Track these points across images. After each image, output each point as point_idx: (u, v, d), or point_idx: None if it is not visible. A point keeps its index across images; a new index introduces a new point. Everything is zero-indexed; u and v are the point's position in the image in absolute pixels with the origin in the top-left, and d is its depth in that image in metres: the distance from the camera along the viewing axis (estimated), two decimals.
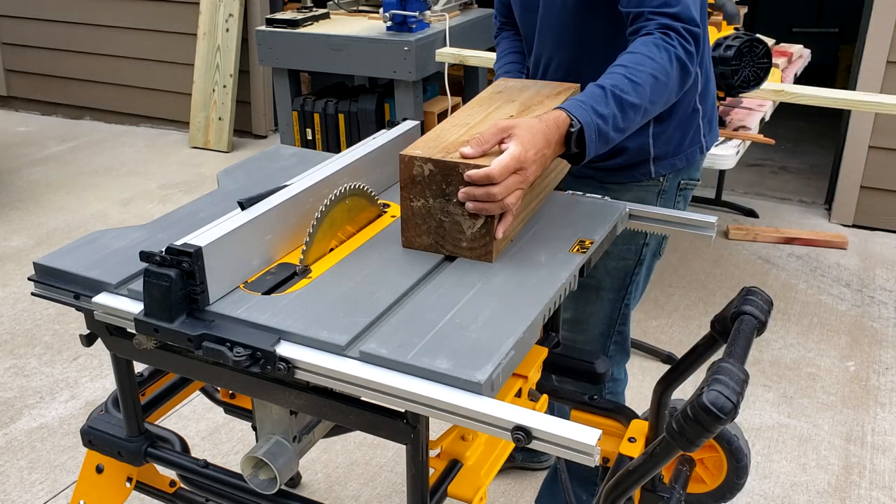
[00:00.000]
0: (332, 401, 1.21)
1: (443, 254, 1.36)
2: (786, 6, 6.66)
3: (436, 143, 1.36)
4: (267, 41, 3.77)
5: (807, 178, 4.73)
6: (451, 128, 1.44)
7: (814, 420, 2.64)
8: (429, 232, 1.36)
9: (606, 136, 1.37)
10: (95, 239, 1.42)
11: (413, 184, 1.33)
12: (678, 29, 1.43)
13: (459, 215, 1.32)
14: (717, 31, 2.61)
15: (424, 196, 1.33)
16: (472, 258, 1.35)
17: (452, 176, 1.29)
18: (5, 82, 5.83)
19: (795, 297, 3.38)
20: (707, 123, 1.73)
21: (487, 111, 1.53)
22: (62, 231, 3.96)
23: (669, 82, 1.43)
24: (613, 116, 1.36)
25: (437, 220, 1.34)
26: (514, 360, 1.14)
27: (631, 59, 1.41)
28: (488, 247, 1.33)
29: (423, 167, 1.31)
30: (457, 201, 1.31)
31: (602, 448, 1.58)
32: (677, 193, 1.76)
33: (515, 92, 1.63)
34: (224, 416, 2.50)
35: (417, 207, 1.34)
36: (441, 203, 1.32)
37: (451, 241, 1.35)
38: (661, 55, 1.41)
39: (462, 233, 1.33)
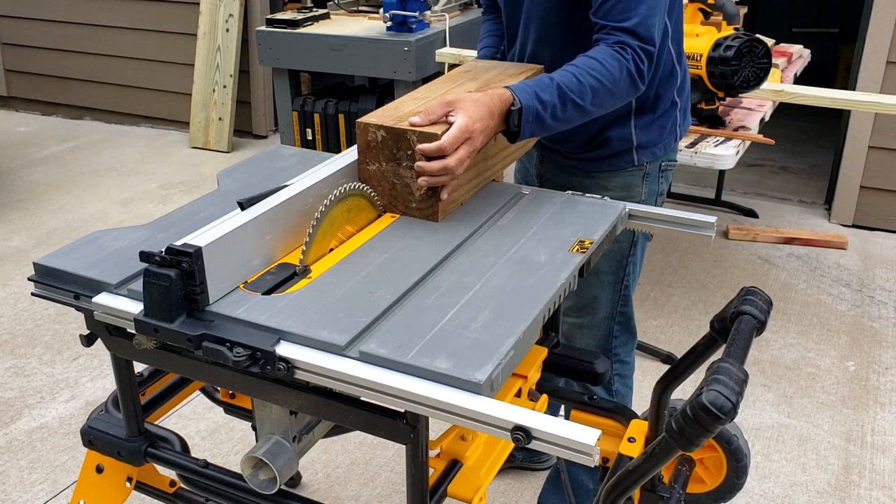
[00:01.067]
0: (331, 401, 1.22)
1: (396, 214, 1.49)
2: (786, 6, 6.66)
3: (392, 112, 1.49)
4: (267, 41, 3.77)
5: (807, 178, 4.73)
6: (410, 101, 1.56)
7: (813, 420, 2.64)
8: (383, 194, 1.49)
9: (543, 121, 1.48)
10: (95, 239, 1.42)
11: (368, 149, 1.46)
12: (634, 46, 1.53)
13: (409, 178, 1.44)
14: (717, 31, 2.61)
15: (378, 160, 1.46)
16: (421, 217, 1.47)
17: (402, 142, 1.42)
18: (5, 82, 5.83)
19: (795, 297, 3.38)
20: (682, 114, 1.83)
21: (450, 87, 1.64)
22: (62, 231, 3.96)
23: (615, 90, 1.53)
24: (553, 106, 1.48)
25: (389, 183, 1.47)
26: (513, 360, 1.14)
27: (584, 62, 1.52)
28: (434, 207, 1.46)
29: (376, 133, 1.44)
30: (406, 165, 1.43)
31: (602, 448, 1.58)
32: (659, 175, 1.85)
33: (481, 71, 1.73)
34: (224, 416, 2.50)
35: (372, 171, 1.48)
36: (393, 167, 1.45)
37: (403, 202, 1.48)
38: (613, 64, 1.52)
39: (411, 194, 1.46)
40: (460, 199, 1.53)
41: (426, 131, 1.39)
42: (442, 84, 1.67)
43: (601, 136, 1.75)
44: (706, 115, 2.71)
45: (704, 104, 2.66)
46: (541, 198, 1.61)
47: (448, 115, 1.41)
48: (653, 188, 1.83)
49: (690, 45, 2.57)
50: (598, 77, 1.50)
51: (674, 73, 1.74)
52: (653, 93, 1.74)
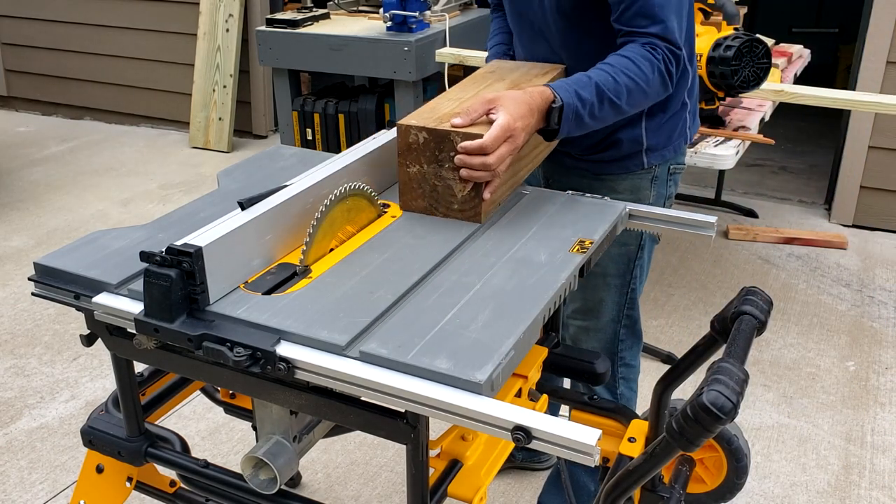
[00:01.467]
0: (332, 401, 1.22)
1: (436, 216, 1.48)
2: (786, 6, 6.66)
3: (430, 114, 1.48)
4: (267, 41, 3.77)
5: (807, 178, 4.73)
6: (446, 101, 1.55)
7: (813, 420, 2.64)
8: (423, 196, 1.48)
9: (582, 119, 1.48)
10: (95, 239, 1.42)
11: (409, 151, 1.45)
12: (663, 48, 1.54)
13: (451, 179, 1.44)
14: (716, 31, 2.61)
15: (419, 162, 1.45)
16: (463, 219, 1.47)
17: (444, 143, 1.41)
18: (5, 82, 5.83)
19: (795, 297, 3.38)
20: (691, 116, 1.83)
21: (479, 88, 1.63)
22: (62, 231, 3.96)
23: (648, 90, 1.55)
24: (591, 105, 1.48)
25: (430, 185, 1.46)
26: (514, 360, 1.14)
27: (619, 61, 1.52)
28: (477, 209, 1.45)
29: (417, 135, 1.43)
30: (449, 166, 1.42)
31: (602, 448, 1.58)
32: (668, 178, 1.84)
33: (507, 72, 1.73)
34: (224, 416, 2.50)
35: (413, 173, 1.47)
36: (434, 168, 1.44)
37: (444, 203, 1.47)
38: (646, 64, 1.53)
39: (454, 196, 1.45)
40: (499, 200, 1.53)
41: (469, 132, 1.39)
42: (471, 84, 1.66)
43: (612, 138, 1.74)
44: (706, 115, 2.71)
45: (704, 104, 2.66)
46: (541, 198, 1.61)
47: (489, 112, 1.41)
48: (661, 191, 1.82)
49: None
50: (633, 76, 1.51)
51: (686, 73, 1.72)
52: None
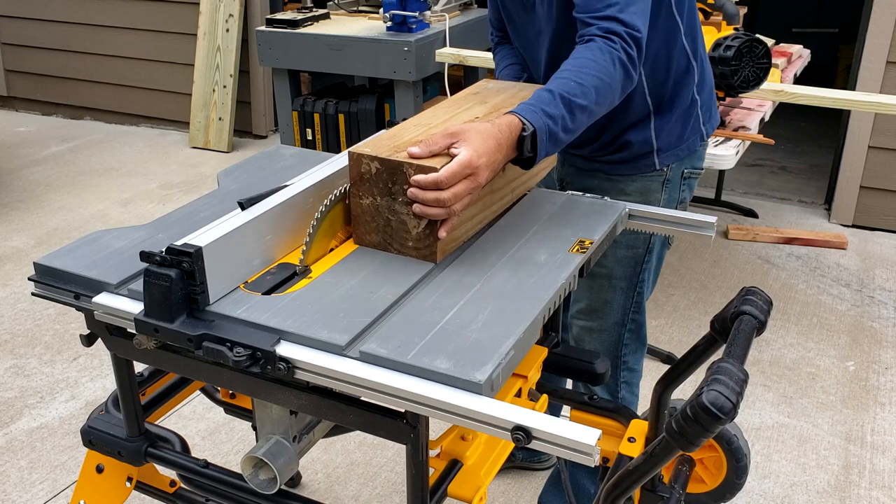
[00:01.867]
0: (332, 401, 1.22)
1: (391, 252, 1.37)
2: (786, 6, 6.66)
3: (389, 141, 1.37)
4: (267, 41, 3.77)
5: (806, 178, 4.73)
6: (412, 127, 1.45)
7: (813, 420, 2.64)
8: (377, 230, 1.37)
9: (556, 137, 1.39)
10: (95, 239, 1.42)
11: (361, 181, 1.34)
12: (620, 33, 1.45)
13: (405, 214, 1.33)
14: (716, 31, 2.61)
15: (372, 194, 1.34)
16: (418, 258, 1.35)
17: (398, 175, 1.30)
18: (5, 82, 5.83)
19: (795, 297, 3.38)
20: (706, 111, 1.76)
21: (455, 112, 1.53)
22: (62, 231, 3.96)
23: (613, 84, 1.45)
24: (563, 118, 1.38)
25: (384, 219, 1.35)
26: (514, 360, 1.14)
27: (575, 64, 1.43)
28: (432, 247, 1.34)
29: (370, 165, 1.32)
30: (403, 200, 1.31)
31: (602, 448, 1.58)
32: (682, 182, 1.79)
33: (491, 94, 1.63)
34: (224, 416, 2.50)
35: (366, 205, 1.36)
36: (388, 202, 1.33)
37: (398, 240, 1.36)
38: (603, 58, 1.44)
39: (408, 232, 1.34)
40: (462, 238, 1.42)
41: (424, 164, 1.27)
42: (447, 108, 1.56)
43: (621, 139, 1.71)
44: None
45: None
46: (541, 198, 1.61)
47: (451, 146, 1.30)
48: (673, 195, 1.78)
49: None
50: (595, 74, 1.42)
51: (690, 69, 1.68)
52: (669, 92, 1.69)
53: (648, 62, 1.65)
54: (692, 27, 1.68)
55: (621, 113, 1.68)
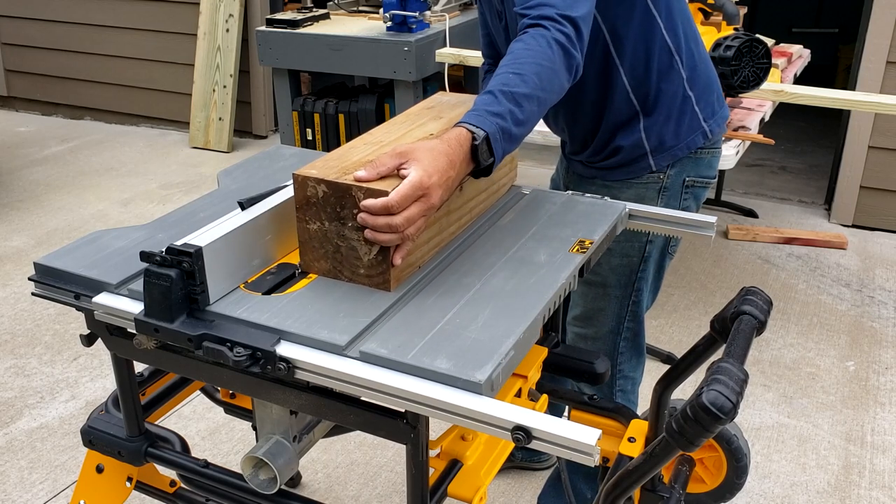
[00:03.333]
0: (332, 401, 1.22)
1: (342, 280, 1.29)
2: (786, 6, 6.66)
3: (337, 162, 1.30)
4: (267, 41, 3.78)
5: (806, 178, 4.73)
6: (362, 146, 1.38)
7: (813, 420, 2.64)
8: (326, 256, 1.29)
9: (510, 133, 1.32)
10: (95, 239, 1.42)
11: (308, 205, 1.27)
12: (550, 15, 1.39)
13: (355, 240, 1.25)
14: (716, 31, 2.61)
15: (320, 219, 1.27)
16: (370, 286, 1.27)
17: (346, 199, 1.23)
18: (5, 82, 5.83)
19: (795, 297, 3.38)
20: (704, 106, 1.71)
21: (409, 128, 1.47)
22: (62, 231, 3.96)
23: (554, 66, 1.38)
24: (510, 112, 1.31)
25: (333, 245, 1.28)
26: (514, 360, 1.14)
27: (508, 58, 1.38)
28: (385, 275, 1.26)
29: (316, 188, 1.24)
30: (352, 225, 1.24)
31: (602, 448, 1.58)
32: (683, 191, 1.74)
33: (447, 108, 1.57)
34: (224, 416, 2.50)
35: (314, 230, 1.28)
36: (336, 227, 1.26)
37: (349, 267, 1.28)
38: (537, 43, 1.37)
39: (359, 259, 1.26)
40: (417, 263, 1.34)
41: (373, 188, 1.20)
42: (400, 124, 1.48)
43: (613, 144, 1.69)
44: None
45: None
46: (541, 198, 1.61)
47: (400, 167, 1.23)
48: (672, 205, 1.72)
49: None
50: (531, 60, 1.35)
51: (673, 65, 1.64)
52: (653, 89, 1.65)
53: (626, 60, 1.62)
54: (672, 22, 1.63)
55: (608, 114, 1.66)
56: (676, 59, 1.65)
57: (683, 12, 1.67)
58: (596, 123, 1.68)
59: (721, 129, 1.75)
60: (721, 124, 1.75)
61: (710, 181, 1.78)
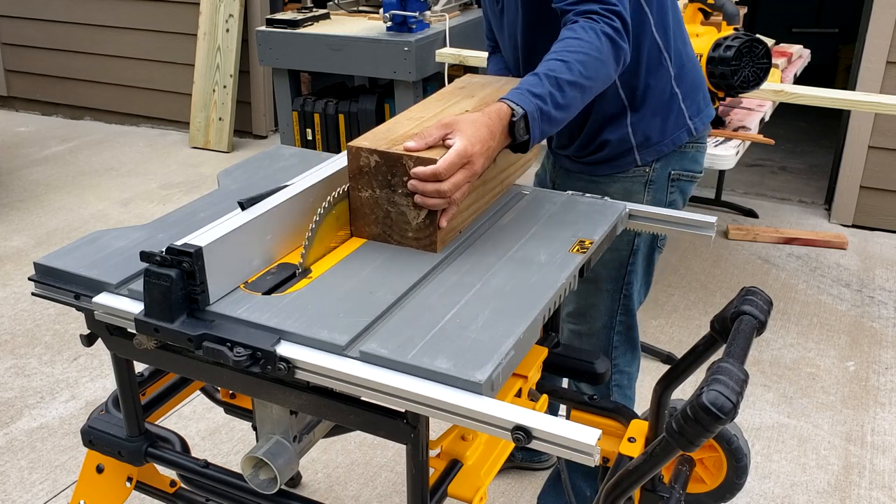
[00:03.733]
0: (332, 401, 1.22)
1: (390, 244, 1.40)
2: (786, 6, 6.66)
3: (385, 135, 1.41)
4: (267, 41, 3.78)
5: (807, 178, 4.73)
6: (406, 121, 1.48)
7: (813, 420, 2.64)
8: (376, 222, 1.40)
9: (549, 115, 1.40)
10: (95, 239, 1.42)
11: (360, 174, 1.37)
12: (597, 10, 1.47)
13: (405, 206, 1.36)
14: (716, 31, 2.61)
15: (371, 186, 1.37)
16: (418, 248, 1.38)
17: (397, 168, 1.34)
18: (5, 82, 5.83)
19: (795, 297, 3.38)
20: (690, 104, 1.73)
21: (444, 106, 1.56)
22: (62, 231, 3.96)
23: (602, 57, 1.45)
24: (550, 94, 1.39)
25: (384, 211, 1.38)
26: (514, 360, 1.14)
27: (559, 45, 1.46)
28: (433, 237, 1.37)
29: (369, 158, 1.35)
30: (402, 192, 1.35)
31: (602, 448, 1.58)
32: (669, 184, 1.76)
33: (477, 87, 1.67)
34: (224, 416, 2.50)
35: (365, 198, 1.39)
36: (387, 194, 1.37)
37: (398, 231, 1.39)
38: (587, 34, 1.45)
39: (408, 223, 1.37)
40: (459, 227, 1.45)
41: (423, 156, 1.31)
42: (437, 102, 1.59)
43: (600, 138, 1.72)
44: None
45: None
46: (541, 198, 1.61)
47: (446, 138, 1.33)
48: (659, 198, 1.76)
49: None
50: (580, 49, 1.43)
51: (662, 61, 1.67)
52: (641, 84, 1.67)
53: None
54: (664, 19, 1.66)
55: (596, 108, 1.68)
56: (665, 56, 1.68)
57: (674, 11, 1.70)
58: (584, 117, 1.70)
59: (706, 128, 1.78)
60: (706, 122, 1.78)
61: (696, 175, 1.81)
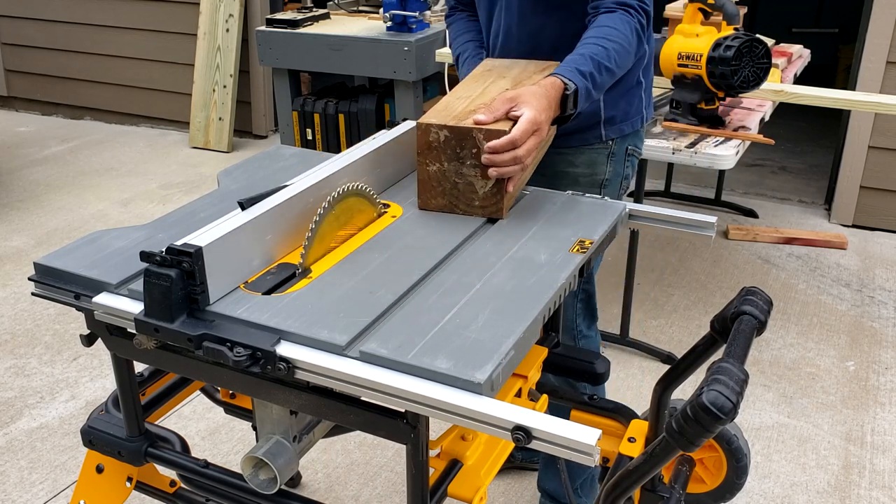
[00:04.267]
0: (332, 401, 1.22)
1: (457, 213, 1.49)
2: (786, 6, 6.67)
3: (446, 112, 1.49)
4: (267, 41, 3.78)
5: (807, 178, 4.73)
6: (456, 100, 1.56)
7: (813, 420, 2.64)
8: (443, 193, 1.49)
9: (590, 94, 1.56)
10: (95, 239, 1.42)
11: (429, 150, 1.46)
12: (635, 6, 1.64)
13: (472, 176, 1.46)
14: (716, 31, 2.61)
15: (440, 160, 1.46)
16: (484, 216, 1.48)
17: (466, 140, 1.43)
18: (5, 82, 5.83)
19: (795, 297, 3.38)
20: (647, 95, 1.90)
21: (484, 85, 1.64)
22: (62, 231, 3.96)
23: (630, 49, 1.64)
24: (592, 76, 1.55)
25: (451, 182, 1.48)
26: (514, 360, 1.14)
27: (599, 31, 1.61)
28: (499, 203, 1.47)
29: (438, 133, 1.44)
30: (470, 164, 1.44)
31: (602, 448, 1.58)
32: (626, 158, 1.91)
33: (504, 69, 1.74)
34: (224, 416, 2.50)
35: (433, 171, 1.48)
36: (455, 166, 1.46)
37: (465, 200, 1.49)
38: (623, 26, 1.62)
39: (475, 192, 1.47)
40: (515, 194, 1.55)
41: (493, 128, 1.41)
42: (474, 82, 1.67)
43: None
44: (706, 115, 2.71)
45: (704, 104, 2.66)
46: (541, 198, 1.61)
47: (511, 110, 1.44)
48: (618, 170, 1.89)
49: (690, 45, 2.57)
50: (616, 39, 1.59)
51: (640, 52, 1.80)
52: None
53: None
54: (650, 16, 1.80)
55: None
56: (645, 48, 1.80)
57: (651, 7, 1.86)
58: None
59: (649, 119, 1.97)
60: (650, 115, 1.96)
61: (642, 154, 2.00)
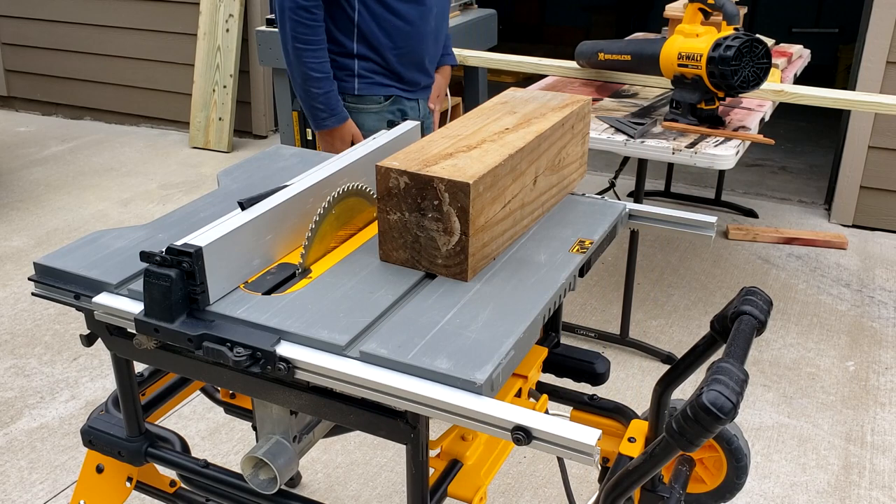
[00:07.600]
0: (332, 401, 1.22)
1: (420, 270, 1.33)
2: (786, 6, 6.67)
3: (417, 154, 1.34)
4: (267, 41, 3.77)
5: (807, 178, 4.73)
6: (440, 139, 1.41)
7: (813, 420, 2.64)
8: (405, 246, 1.32)
9: None
10: (95, 239, 1.42)
11: (389, 196, 1.30)
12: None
13: (435, 231, 1.28)
14: (716, 31, 2.61)
15: (400, 209, 1.29)
16: (448, 276, 1.31)
17: (427, 190, 1.26)
18: (5, 82, 5.83)
19: (795, 297, 3.38)
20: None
21: (484, 122, 1.51)
22: (62, 231, 3.96)
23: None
24: None
25: (412, 235, 1.30)
26: (514, 360, 1.14)
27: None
28: (463, 265, 1.29)
29: (398, 180, 1.27)
30: (432, 216, 1.27)
31: (602, 448, 1.59)
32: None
33: (519, 103, 1.62)
34: (224, 416, 2.50)
35: (394, 221, 1.31)
36: (416, 217, 1.29)
37: (427, 256, 1.31)
38: None
39: (437, 249, 1.30)
40: (493, 254, 1.37)
41: (455, 179, 1.24)
42: (476, 118, 1.53)
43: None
44: (706, 115, 2.71)
45: (704, 104, 2.66)
46: None
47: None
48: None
49: (690, 46, 2.57)
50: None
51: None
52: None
53: None
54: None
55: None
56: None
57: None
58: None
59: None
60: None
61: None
